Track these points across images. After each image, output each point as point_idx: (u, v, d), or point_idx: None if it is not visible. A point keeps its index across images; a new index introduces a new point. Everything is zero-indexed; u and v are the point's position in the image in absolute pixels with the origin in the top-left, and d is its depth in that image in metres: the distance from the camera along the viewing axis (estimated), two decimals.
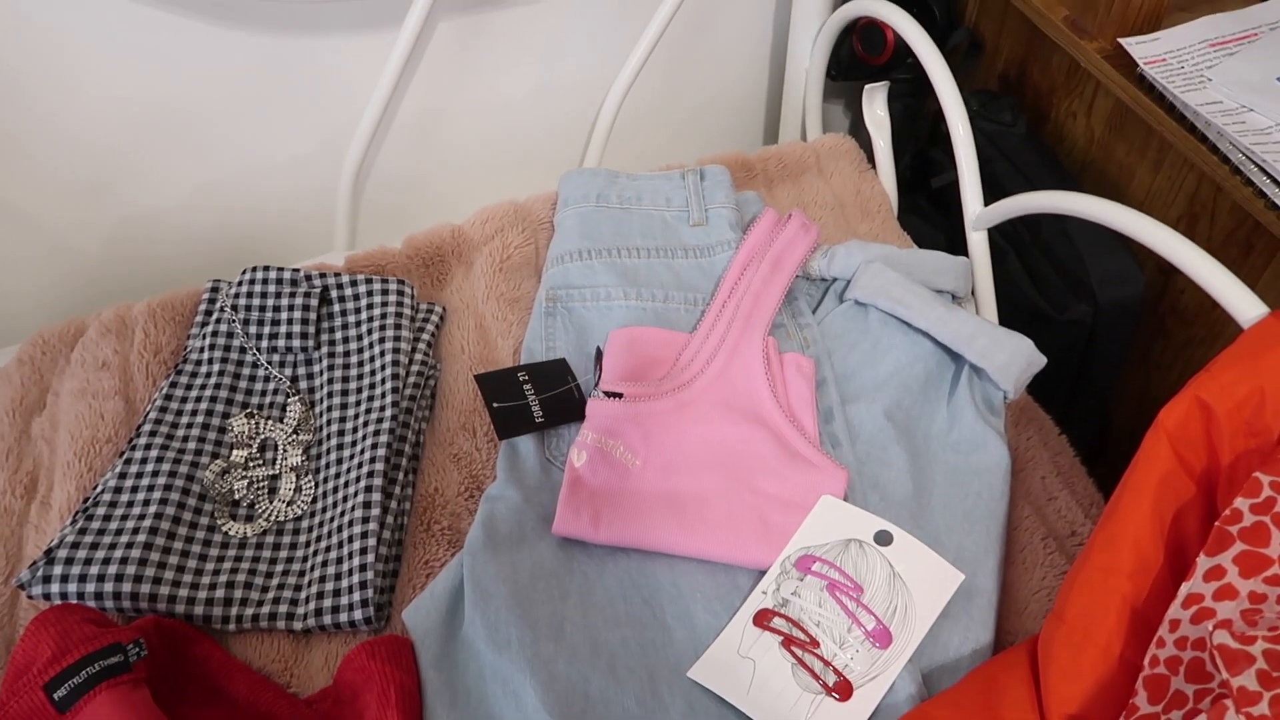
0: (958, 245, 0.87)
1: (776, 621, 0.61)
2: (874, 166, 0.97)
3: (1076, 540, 0.70)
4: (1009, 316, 0.85)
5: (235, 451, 0.73)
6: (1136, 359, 0.94)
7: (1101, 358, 0.88)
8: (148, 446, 0.71)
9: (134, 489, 0.69)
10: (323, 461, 0.73)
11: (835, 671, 0.59)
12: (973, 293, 0.85)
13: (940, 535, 0.67)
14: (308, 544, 0.70)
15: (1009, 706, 0.54)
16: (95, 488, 0.69)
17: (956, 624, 0.63)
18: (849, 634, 0.60)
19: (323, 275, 0.79)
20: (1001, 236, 0.92)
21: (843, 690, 0.59)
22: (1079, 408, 0.93)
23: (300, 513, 0.71)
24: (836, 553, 0.63)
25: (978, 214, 0.83)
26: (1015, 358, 0.72)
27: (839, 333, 0.78)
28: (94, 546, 0.65)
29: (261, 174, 0.98)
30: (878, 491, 0.70)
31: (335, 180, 0.97)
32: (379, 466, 0.70)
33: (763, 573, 0.65)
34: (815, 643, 0.60)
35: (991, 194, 0.85)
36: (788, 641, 0.60)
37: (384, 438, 0.71)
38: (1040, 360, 0.73)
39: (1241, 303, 0.60)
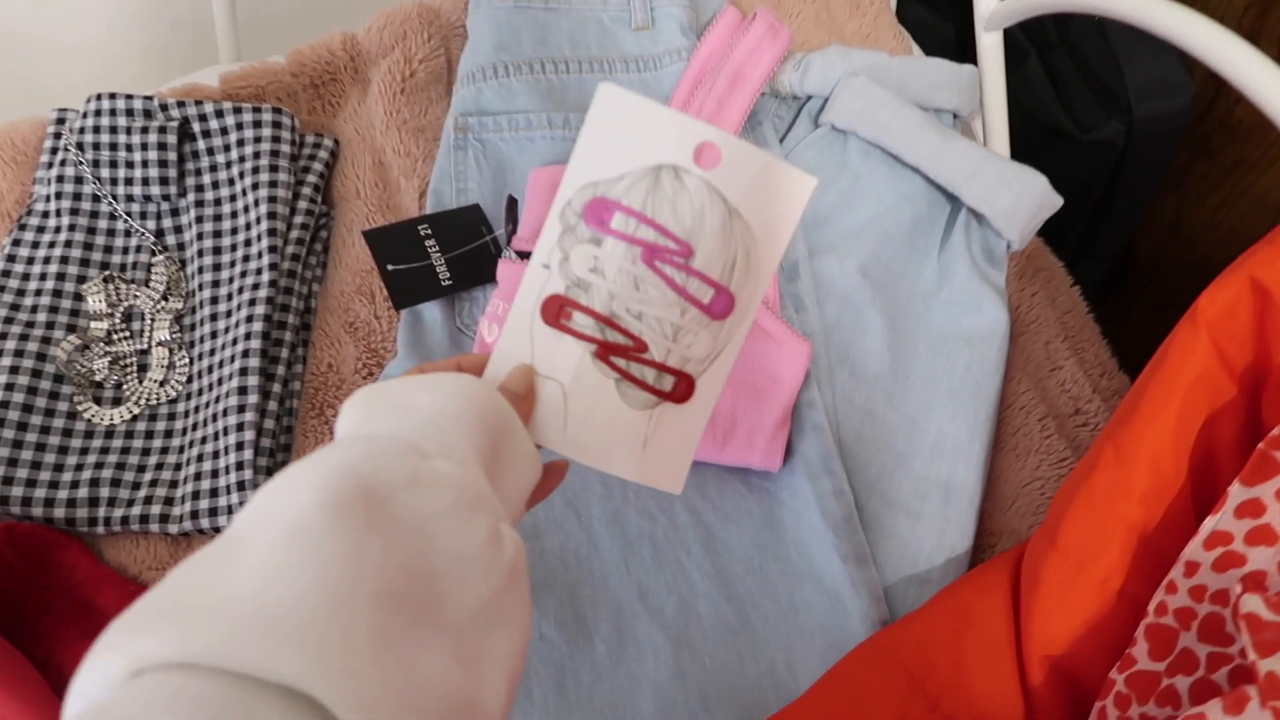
0: (971, 42, 0.70)
1: (579, 319, 0.41)
2: None
3: (1080, 420, 0.59)
4: (1023, 135, 0.70)
5: (94, 323, 0.62)
6: (1171, 181, 0.80)
7: (1131, 185, 0.75)
8: None
9: None
10: (197, 334, 0.63)
11: (672, 372, 0.42)
12: (981, 109, 0.70)
13: (918, 417, 0.57)
14: (184, 431, 0.60)
15: (978, 642, 0.46)
16: None
17: (930, 527, 0.54)
18: (683, 318, 0.41)
19: (181, 104, 0.65)
20: (1024, 33, 0.76)
21: (684, 391, 0.42)
22: (1097, 241, 0.79)
23: (175, 394, 0.62)
24: (642, 192, 0.40)
25: (991, 10, 0.67)
26: (1024, 200, 0.59)
27: (811, 166, 0.64)
28: None
29: None
30: (847, 365, 0.59)
31: None
32: (255, 344, 0.59)
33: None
34: (641, 345, 0.41)
35: None
36: (604, 350, 0.41)
37: (260, 308, 0.60)
38: (1055, 202, 0.60)
39: None
